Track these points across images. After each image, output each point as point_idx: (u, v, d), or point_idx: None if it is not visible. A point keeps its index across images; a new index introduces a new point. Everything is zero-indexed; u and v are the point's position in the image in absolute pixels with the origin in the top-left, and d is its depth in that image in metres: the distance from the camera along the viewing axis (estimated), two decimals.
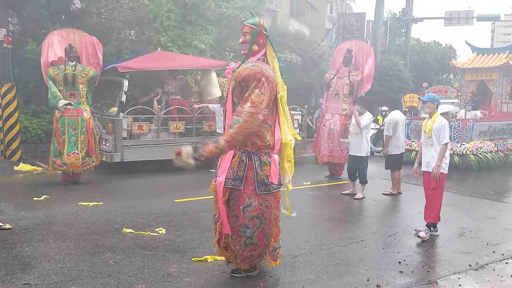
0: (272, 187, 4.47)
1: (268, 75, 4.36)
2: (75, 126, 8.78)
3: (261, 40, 4.64)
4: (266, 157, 4.45)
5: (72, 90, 8.81)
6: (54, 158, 8.75)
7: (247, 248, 4.52)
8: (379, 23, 22.04)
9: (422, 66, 26.65)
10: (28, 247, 5.28)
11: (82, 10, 13.32)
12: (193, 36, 14.23)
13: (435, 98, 6.47)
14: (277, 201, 4.64)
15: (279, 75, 4.53)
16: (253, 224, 4.48)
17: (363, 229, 6.70)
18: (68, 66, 8.82)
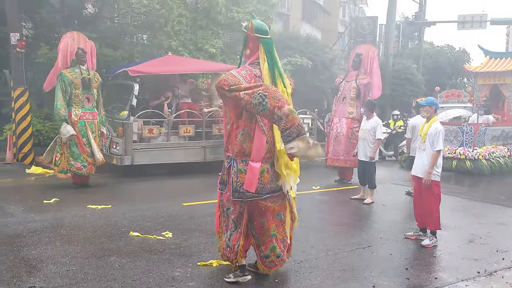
0: (245, 195, 4.41)
1: (233, 81, 4.27)
2: (93, 129, 8.98)
3: (251, 43, 4.56)
4: (242, 164, 4.41)
5: (88, 94, 8.94)
6: (73, 161, 8.79)
7: (227, 249, 4.66)
8: (392, 27, 21.93)
9: (435, 70, 26.41)
10: (35, 250, 5.33)
11: (95, 15, 13.47)
12: (204, 41, 14.32)
13: (434, 102, 6.40)
14: (260, 209, 4.54)
15: (269, 78, 4.40)
16: (231, 227, 4.61)
17: (371, 235, 6.65)
18: (83, 70, 8.90)
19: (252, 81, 4.36)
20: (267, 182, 4.45)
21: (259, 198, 4.47)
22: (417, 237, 6.43)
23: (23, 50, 11.55)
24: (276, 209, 4.63)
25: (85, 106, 8.91)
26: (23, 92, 11.63)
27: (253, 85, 4.31)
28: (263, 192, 4.45)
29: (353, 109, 10.57)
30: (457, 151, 12.64)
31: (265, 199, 4.51)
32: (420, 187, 6.35)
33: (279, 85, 4.43)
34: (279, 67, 4.57)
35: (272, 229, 4.60)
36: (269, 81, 4.39)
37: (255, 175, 4.38)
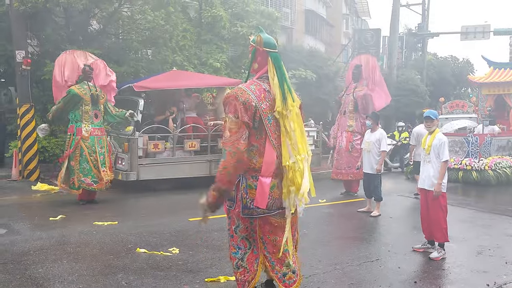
0: (256, 211, 4.27)
1: (243, 97, 4.12)
2: (102, 145, 9.03)
3: (259, 57, 4.42)
4: (252, 180, 4.23)
5: (96, 110, 9.04)
6: (83, 177, 8.80)
7: (239, 271, 4.37)
8: (395, 39, 22.01)
9: (439, 81, 26.43)
10: (42, 268, 5.32)
11: (100, 31, 13.59)
12: (208, 55, 14.42)
13: (435, 114, 6.40)
14: (272, 225, 4.38)
15: (280, 93, 4.25)
16: (244, 245, 4.38)
17: (378, 248, 6.60)
18: (91, 86, 9.00)
19: (262, 95, 4.25)
20: (277, 198, 4.33)
21: (269, 214, 4.35)
22: (425, 250, 6.38)
23: (28, 67, 11.65)
24: (283, 224, 4.43)
25: (94, 122, 8.98)
26: (28, 109, 11.71)
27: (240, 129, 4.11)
28: (273, 207, 4.34)
29: (352, 122, 10.57)
30: (463, 162, 12.59)
31: (275, 215, 4.38)
32: (427, 199, 6.32)
33: (289, 99, 4.31)
34: (288, 81, 4.45)
35: (285, 245, 4.42)
36: (279, 96, 4.27)
37: (266, 191, 4.24)
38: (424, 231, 6.48)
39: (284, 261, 4.38)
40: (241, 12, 16.34)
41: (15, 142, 12.24)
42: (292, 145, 4.27)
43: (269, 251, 4.38)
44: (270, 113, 4.23)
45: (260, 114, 4.17)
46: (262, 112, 4.17)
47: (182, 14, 14.63)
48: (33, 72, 11.99)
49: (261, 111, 4.16)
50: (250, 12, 16.16)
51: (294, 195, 4.30)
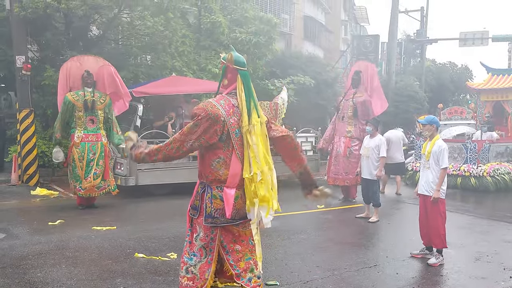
0: (219, 220, 4.39)
1: (212, 112, 4.30)
2: (95, 151, 8.92)
3: (230, 74, 4.58)
4: (217, 190, 4.36)
5: (91, 116, 8.95)
6: (75, 183, 8.85)
7: (187, 276, 4.40)
8: (393, 45, 22.11)
9: (437, 87, 26.53)
10: (41, 273, 5.33)
11: (100, 37, 13.65)
12: (207, 61, 14.48)
13: (434, 120, 6.41)
14: (234, 235, 4.48)
15: (245, 109, 4.44)
16: (201, 254, 4.44)
17: (377, 253, 6.61)
18: (87, 92, 8.94)
19: (231, 110, 4.44)
20: (240, 208, 4.46)
21: (232, 224, 4.46)
22: (423, 256, 6.40)
23: (28, 72, 11.69)
24: (247, 234, 4.60)
25: (88, 128, 8.91)
26: (28, 114, 11.74)
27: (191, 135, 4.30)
28: (236, 217, 4.45)
29: (351, 127, 10.59)
30: (461, 168, 12.62)
31: (237, 225, 4.49)
32: (426, 205, 6.35)
33: (253, 115, 4.50)
34: (255, 98, 4.64)
35: (246, 254, 4.55)
36: (245, 111, 4.45)
37: (230, 201, 4.39)
38: (423, 237, 6.50)
39: (249, 267, 4.49)
40: (240, 18, 16.42)
41: (15, 147, 12.26)
42: (254, 158, 4.42)
43: (233, 259, 4.46)
44: (238, 127, 4.40)
45: (228, 128, 4.32)
46: (230, 126, 4.34)
47: (181, 20, 14.69)
48: (33, 77, 12.04)
49: (229, 125, 4.32)
50: (249, 18, 16.23)
51: (258, 207, 4.41)
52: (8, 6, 11.53)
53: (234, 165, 4.44)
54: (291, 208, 9.60)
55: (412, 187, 11.80)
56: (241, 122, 4.44)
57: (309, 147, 13.29)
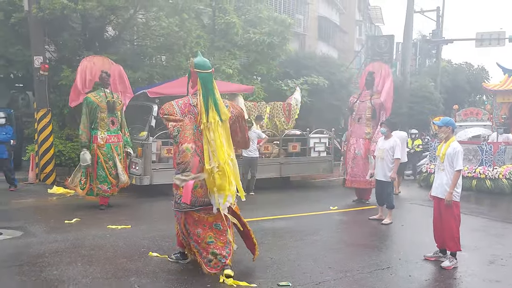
0: (181, 206, 5.29)
1: (167, 112, 5.36)
2: (118, 152, 9.08)
3: (193, 77, 5.42)
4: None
5: (113, 117, 9.06)
6: (100, 184, 8.91)
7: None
8: (408, 45, 21.93)
9: (453, 88, 26.22)
10: (57, 270, 5.43)
11: (115, 38, 13.78)
12: (221, 61, 14.52)
13: (450, 122, 6.38)
14: (194, 219, 5.30)
15: (203, 108, 5.20)
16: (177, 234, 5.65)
17: (390, 255, 6.60)
18: (107, 93, 9.02)
19: (186, 109, 5.30)
20: (200, 196, 5.25)
21: (192, 210, 5.27)
22: (436, 258, 6.37)
23: (46, 73, 11.85)
24: (210, 220, 5.33)
25: (110, 129, 9.02)
26: (45, 114, 11.92)
27: (178, 118, 5.35)
28: (196, 204, 5.25)
29: (370, 129, 10.55)
30: (476, 170, 12.51)
31: (198, 211, 5.29)
32: (440, 207, 6.32)
33: (211, 112, 5.21)
34: (215, 97, 5.30)
35: (208, 237, 5.29)
36: (202, 110, 5.21)
37: (189, 190, 5.20)
38: (436, 239, 6.48)
39: (210, 250, 5.25)
40: (254, 19, 16.43)
41: (32, 146, 12.45)
42: (212, 152, 5.15)
43: (195, 241, 5.31)
44: (194, 123, 5.28)
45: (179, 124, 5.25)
46: (184, 123, 5.25)
47: (196, 21, 14.75)
48: (50, 77, 12.20)
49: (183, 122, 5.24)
50: (263, 18, 16.23)
51: (218, 195, 5.15)
52: (26, 7, 11.70)
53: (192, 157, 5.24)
54: (303, 209, 9.62)
55: (426, 189, 11.72)
56: (199, 119, 5.23)
57: (323, 148, 13.28)
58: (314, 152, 13.12)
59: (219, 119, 5.25)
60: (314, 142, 13.13)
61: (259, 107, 13.22)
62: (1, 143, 10.64)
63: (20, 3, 12.09)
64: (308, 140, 13.01)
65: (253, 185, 11.45)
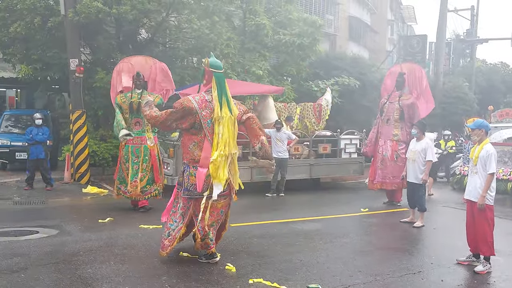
0: (193, 194, 5.78)
1: (187, 105, 5.74)
2: (138, 154, 8.79)
3: (207, 75, 5.91)
4: (192, 169, 5.80)
5: (137, 118, 8.82)
6: (119, 184, 8.91)
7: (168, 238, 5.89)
8: (442, 45, 21.52)
9: (488, 88, 25.56)
10: (91, 269, 5.58)
11: (148, 40, 14.04)
12: (251, 63, 14.61)
13: (483, 125, 6.23)
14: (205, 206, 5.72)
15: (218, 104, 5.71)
16: (179, 220, 5.94)
17: (421, 259, 6.51)
18: (135, 93, 8.88)
19: (203, 105, 5.75)
20: (210, 184, 5.71)
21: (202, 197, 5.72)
22: (469, 263, 6.25)
23: (81, 75, 12.17)
24: (218, 206, 5.85)
25: (133, 130, 8.80)
26: (80, 115, 12.24)
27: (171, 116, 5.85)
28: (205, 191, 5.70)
29: (398, 131, 10.41)
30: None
31: (208, 198, 5.72)
32: (473, 211, 6.20)
33: (224, 108, 5.72)
34: (228, 95, 5.81)
35: (213, 223, 5.84)
36: (217, 105, 5.71)
37: (202, 178, 5.69)
38: (469, 243, 6.35)
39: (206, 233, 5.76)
40: (284, 20, 16.46)
41: (68, 146, 12.81)
42: (217, 144, 5.69)
43: (201, 226, 5.73)
44: (209, 118, 5.73)
45: (200, 118, 5.70)
46: (202, 117, 5.71)
47: (226, 23, 14.90)
48: (85, 79, 12.52)
49: (201, 116, 5.71)
50: (293, 20, 16.25)
51: (214, 183, 5.66)
52: (62, 12, 12.04)
53: (206, 148, 5.75)
54: (333, 211, 9.58)
55: (459, 191, 11.48)
56: (212, 113, 5.70)
57: (353, 149, 13.16)
58: (345, 153, 13.01)
59: (230, 115, 5.78)
60: (345, 143, 13.03)
61: (289, 108, 13.22)
62: (38, 143, 11.00)
63: (57, 7, 12.47)
64: (338, 141, 12.93)
65: (283, 186, 11.46)
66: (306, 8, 24.36)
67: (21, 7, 12.41)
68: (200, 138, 5.79)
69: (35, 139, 10.99)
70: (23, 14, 12.56)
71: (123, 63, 9.43)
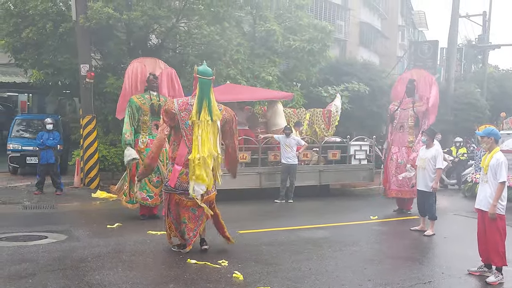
0: (168, 188, 6.42)
1: (168, 106, 6.43)
2: (161, 158, 8.31)
3: (195, 81, 6.45)
4: (170, 166, 6.44)
5: (156, 121, 8.48)
6: (137, 191, 8.58)
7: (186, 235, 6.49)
8: (453, 50, 21.34)
9: (500, 95, 25.23)
10: (99, 275, 5.57)
11: (158, 46, 14.10)
12: (260, 69, 14.60)
13: (493, 132, 6.13)
14: (175, 201, 6.38)
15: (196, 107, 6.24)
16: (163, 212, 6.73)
17: (431, 269, 6.41)
18: (153, 95, 8.69)
19: (183, 107, 6.33)
20: (184, 181, 6.29)
21: (175, 192, 6.35)
22: (481, 273, 6.15)
23: (92, 80, 12.24)
24: (189, 204, 6.37)
25: (153, 133, 8.55)
26: (90, 120, 12.30)
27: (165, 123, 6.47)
28: (179, 188, 6.32)
29: (413, 137, 10.33)
30: None
31: (180, 194, 6.34)
32: (484, 220, 6.10)
33: (203, 112, 6.25)
34: (210, 100, 6.33)
35: (183, 218, 6.43)
36: (195, 108, 6.25)
37: (175, 175, 6.27)
38: (481, 253, 6.24)
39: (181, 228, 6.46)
40: (294, 26, 16.43)
41: (78, 151, 12.88)
42: (196, 146, 6.19)
43: (174, 218, 6.47)
44: (187, 119, 6.28)
45: (178, 119, 6.29)
46: (180, 118, 6.29)
47: (236, 29, 14.92)
48: (95, 84, 12.58)
49: (179, 117, 6.29)
50: (303, 25, 16.21)
51: (194, 183, 6.17)
52: (74, 18, 12.15)
53: (181, 148, 6.31)
54: (343, 219, 9.51)
55: (471, 199, 11.32)
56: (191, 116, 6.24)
57: (363, 156, 13.07)
58: (355, 159, 12.93)
59: (210, 119, 6.29)
60: (355, 149, 12.95)
61: (298, 114, 13.19)
62: (48, 148, 11.07)
63: (69, 13, 12.58)
64: (348, 148, 12.85)
65: (291, 192, 11.40)
66: (317, 14, 24.32)
67: (33, 13, 12.54)
68: (178, 138, 6.40)
69: (46, 144, 11.07)
70: (35, 20, 12.69)
71: (137, 63, 9.15)
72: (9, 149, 13.41)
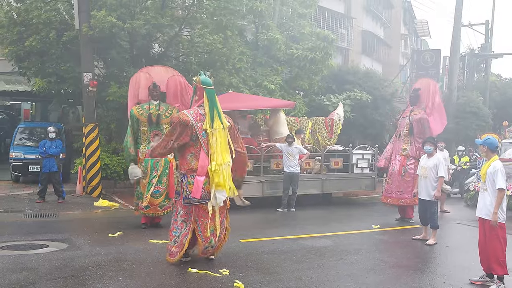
0: (192, 201, 6.21)
1: (183, 119, 6.27)
2: (157, 168, 8.48)
3: (199, 92, 6.52)
4: (190, 178, 6.26)
5: (156, 130, 8.54)
6: (137, 200, 8.64)
7: (175, 245, 6.35)
8: (456, 59, 21.37)
9: (503, 103, 25.19)
10: (99, 284, 5.56)
11: (161, 54, 14.15)
12: (263, 77, 14.63)
13: (488, 142, 6.22)
14: (204, 212, 6.24)
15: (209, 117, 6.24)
16: (181, 226, 6.38)
17: (433, 278, 6.38)
18: (152, 105, 8.61)
19: (198, 118, 6.31)
20: (208, 191, 6.21)
21: (202, 203, 6.23)
22: (483, 283, 6.12)
23: (94, 89, 12.27)
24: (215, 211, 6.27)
25: (152, 144, 8.32)
26: (93, 128, 12.33)
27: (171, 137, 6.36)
28: (205, 198, 6.21)
29: (407, 145, 10.37)
30: None
31: (206, 203, 6.22)
32: (484, 229, 6.09)
33: (216, 121, 6.27)
34: (218, 108, 6.36)
35: (211, 227, 6.27)
36: (208, 118, 6.26)
37: (200, 186, 6.15)
38: (482, 262, 6.23)
39: (208, 240, 6.28)
40: (297, 35, 16.49)
41: (80, 159, 12.89)
42: (213, 154, 6.21)
43: (201, 230, 6.27)
44: (204, 130, 6.26)
45: (196, 131, 6.26)
46: (198, 129, 6.27)
47: (239, 38, 14.96)
48: (98, 93, 12.61)
49: (196, 128, 6.26)
50: (306, 34, 16.27)
51: (215, 190, 6.14)
52: (77, 26, 12.21)
53: (202, 158, 6.26)
54: (345, 227, 9.48)
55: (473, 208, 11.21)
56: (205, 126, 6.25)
57: (366, 165, 13.05)
58: (357, 168, 12.92)
59: (222, 127, 6.34)
60: (357, 158, 12.94)
61: (301, 122, 13.20)
62: (51, 156, 11.08)
63: (72, 22, 12.65)
64: (350, 156, 12.83)
65: (294, 201, 11.38)
66: (319, 22, 24.40)
67: (36, 22, 12.61)
68: (197, 149, 6.31)
69: (48, 152, 11.08)
70: (38, 28, 12.75)
71: (140, 73, 9.15)
72: (12, 157, 13.43)
